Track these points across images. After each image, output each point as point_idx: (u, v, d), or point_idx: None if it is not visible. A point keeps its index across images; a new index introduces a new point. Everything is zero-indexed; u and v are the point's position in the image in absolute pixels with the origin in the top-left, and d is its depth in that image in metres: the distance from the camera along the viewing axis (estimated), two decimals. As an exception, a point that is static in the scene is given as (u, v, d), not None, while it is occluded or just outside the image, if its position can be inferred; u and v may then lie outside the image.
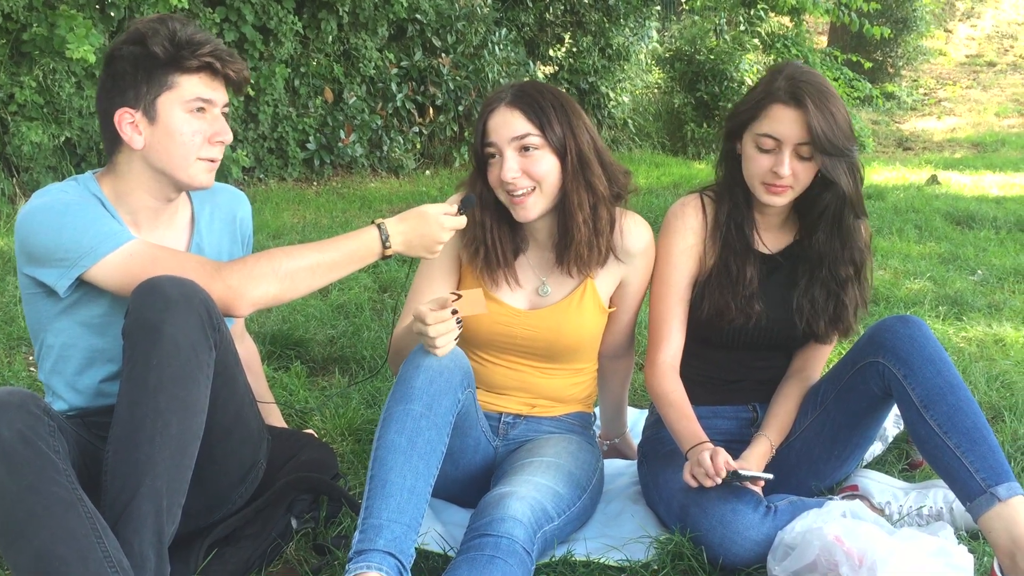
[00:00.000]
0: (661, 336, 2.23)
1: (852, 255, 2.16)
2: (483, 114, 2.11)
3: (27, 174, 5.82)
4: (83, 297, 1.88)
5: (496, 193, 2.12)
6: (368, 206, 6.72)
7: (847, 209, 2.10)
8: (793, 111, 2.04)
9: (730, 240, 2.19)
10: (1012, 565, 1.80)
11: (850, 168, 2.05)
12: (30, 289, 1.90)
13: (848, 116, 2.08)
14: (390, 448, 1.78)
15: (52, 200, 1.85)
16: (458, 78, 8.48)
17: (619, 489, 2.35)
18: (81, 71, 5.86)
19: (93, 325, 1.91)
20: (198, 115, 1.90)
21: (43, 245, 1.81)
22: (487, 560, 1.71)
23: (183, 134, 1.89)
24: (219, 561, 1.91)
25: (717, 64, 10.05)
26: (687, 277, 2.22)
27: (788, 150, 2.05)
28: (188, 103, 1.89)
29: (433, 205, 2.01)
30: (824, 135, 2.01)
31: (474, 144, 2.14)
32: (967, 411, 1.92)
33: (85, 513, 1.54)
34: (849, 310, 2.19)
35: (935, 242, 5.60)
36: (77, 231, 1.80)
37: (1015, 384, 3.04)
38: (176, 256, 1.85)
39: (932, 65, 16.30)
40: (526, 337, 2.17)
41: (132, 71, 1.86)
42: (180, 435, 1.66)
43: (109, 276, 1.80)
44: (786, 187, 2.09)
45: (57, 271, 1.81)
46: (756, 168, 2.10)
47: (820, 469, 2.21)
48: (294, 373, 3.14)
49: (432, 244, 1.99)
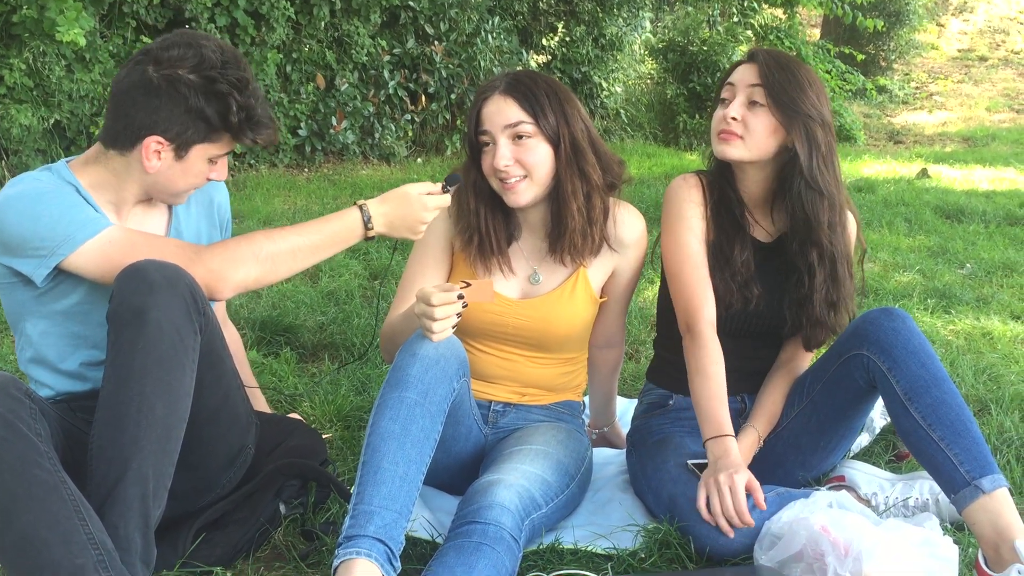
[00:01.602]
0: (693, 305, 2.14)
1: (812, 234, 2.12)
2: (477, 102, 2.11)
3: (16, 157, 5.79)
4: (61, 285, 1.86)
5: (489, 181, 2.12)
6: (359, 193, 6.70)
7: (798, 176, 2.09)
8: (749, 64, 2.15)
9: (723, 224, 2.20)
10: (996, 557, 1.81)
11: (805, 131, 2.08)
12: (7, 279, 1.88)
13: (821, 95, 2.12)
14: (383, 435, 1.78)
15: (26, 188, 1.82)
16: (451, 66, 8.45)
17: (607, 478, 2.36)
18: (71, 54, 5.82)
19: (72, 313, 1.90)
20: (214, 163, 1.93)
21: (19, 235, 1.79)
22: (474, 547, 1.71)
23: (197, 177, 1.92)
24: (207, 545, 1.91)
25: (710, 55, 10.03)
26: (702, 242, 2.18)
27: (741, 95, 2.12)
28: (216, 156, 1.91)
29: (415, 185, 2.01)
30: (775, 78, 2.08)
31: (468, 132, 2.14)
32: (951, 404, 1.93)
33: (68, 496, 1.54)
34: (815, 297, 2.15)
35: (924, 235, 5.62)
36: (53, 219, 1.78)
37: (1002, 377, 3.06)
38: (155, 241, 1.84)
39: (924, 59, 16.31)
40: (518, 326, 2.17)
41: (186, 111, 1.82)
42: (166, 419, 1.65)
43: (88, 263, 1.79)
44: (734, 134, 2.11)
45: (34, 261, 1.80)
46: (713, 120, 2.17)
47: (807, 460, 2.22)
48: (284, 359, 3.14)
49: (415, 224, 1.99)
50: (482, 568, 1.68)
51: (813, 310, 2.16)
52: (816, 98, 2.09)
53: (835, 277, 2.15)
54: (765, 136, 2.10)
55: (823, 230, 2.12)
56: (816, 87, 2.11)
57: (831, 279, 2.15)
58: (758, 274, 2.19)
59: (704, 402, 2.05)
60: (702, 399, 2.05)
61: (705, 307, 2.13)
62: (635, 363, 3.33)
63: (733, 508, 1.87)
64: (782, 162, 2.14)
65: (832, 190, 2.11)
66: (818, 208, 2.11)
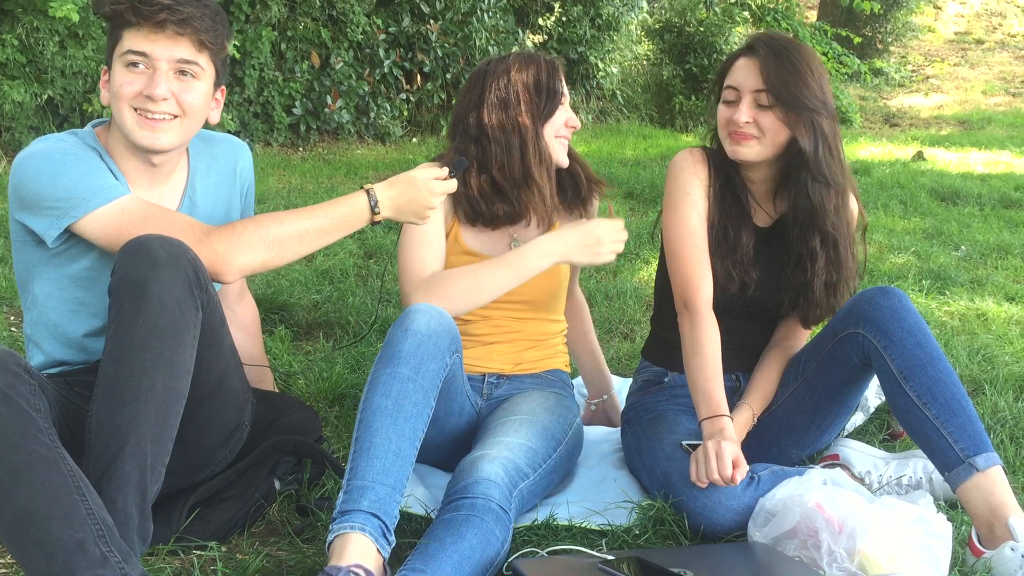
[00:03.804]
0: (691, 282, 2.13)
1: (816, 222, 2.12)
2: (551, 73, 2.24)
3: (8, 134, 5.76)
4: (72, 248, 1.87)
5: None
6: (354, 173, 6.69)
7: (804, 169, 2.09)
8: (750, 60, 2.11)
9: (727, 208, 2.19)
10: (989, 534, 1.82)
11: (812, 126, 2.06)
12: (20, 236, 1.89)
13: (823, 82, 2.09)
14: (376, 411, 1.78)
15: (51, 148, 1.83)
16: (446, 45, 8.40)
17: (602, 455, 2.36)
18: (64, 30, 5.78)
19: (80, 278, 1.90)
20: (132, 69, 1.85)
21: (36, 192, 1.80)
22: (463, 519, 1.72)
23: (114, 85, 1.87)
24: (202, 521, 1.91)
25: (707, 36, 9.99)
26: (704, 219, 2.17)
27: (747, 98, 2.09)
28: (123, 56, 1.86)
29: (422, 170, 2.00)
30: (777, 80, 2.05)
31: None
32: (947, 382, 1.93)
33: (67, 471, 1.54)
34: (815, 282, 2.15)
35: (919, 217, 5.63)
36: (72, 181, 1.79)
37: (996, 358, 3.07)
38: (168, 216, 1.84)
39: (921, 42, 16.27)
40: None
41: (109, 30, 1.88)
42: (165, 394, 1.65)
43: (99, 230, 1.79)
44: (749, 136, 2.10)
45: (47, 220, 1.80)
46: (720, 119, 2.15)
47: (801, 438, 2.23)
48: (278, 337, 3.13)
49: (422, 209, 1.99)
50: (471, 537, 1.69)
51: (813, 293, 2.16)
52: (819, 87, 2.07)
53: (837, 260, 2.15)
54: (777, 133, 2.09)
55: (828, 217, 2.12)
56: (817, 72, 2.08)
57: (833, 263, 2.15)
58: (757, 259, 2.19)
59: (700, 382, 2.05)
60: (698, 379, 2.05)
61: (703, 284, 2.13)
62: (630, 343, 3.33)
63: (717, 470, 1.88)
64: (790, 152, 2.13)
65: (838, 178, 2.11)
66: (824, 198, 2.11)
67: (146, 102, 1.85)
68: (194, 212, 2.02)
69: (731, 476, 1.87)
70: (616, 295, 3.75)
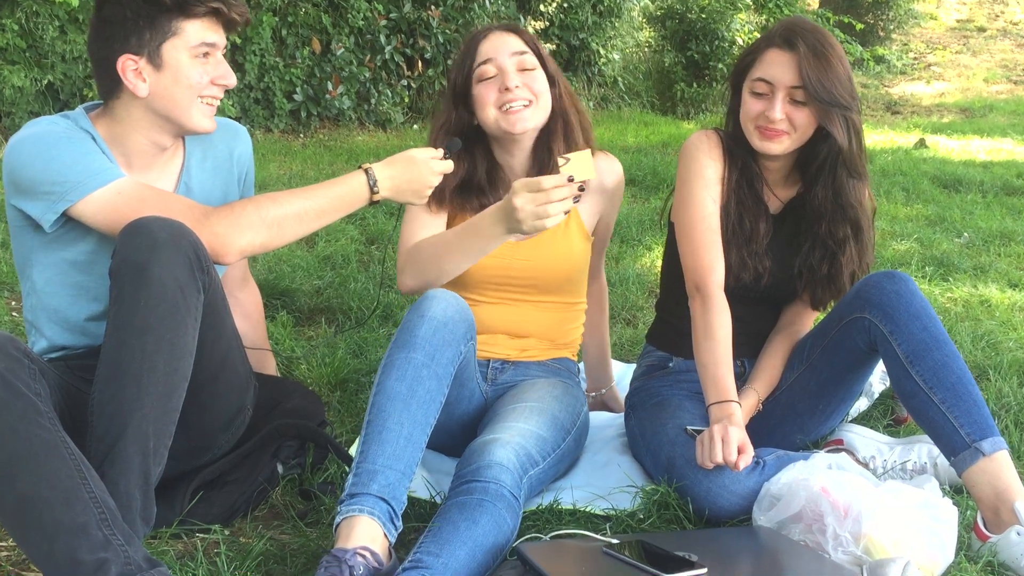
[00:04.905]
0: (703, 265, 2.11)
1: (848, 214, 2.13)
2: (474, 41, 2.19)
3: (9, 119, 5.75)
4: (69, 232, 1.86)
5: (484, 113, 2.15)
6: (355, 159, 6.67)
7: (841, 166, 2.08)
8: (786, 54, 2.04)
9: (743, 197, 2.17)
10: (995, 519, 1.82)
11: (846, 122, 2.03)
12: (17, 222, 1.88)
13: (850, 72, 2.06)
14: (389, 395, 1.77)
15: (43, 131, 1.82)
16: (447, 31, 8.36)
17: (605, 440, 2.36)
18: (64, 15, 5.76)
19: (79, 262, 1.89)
20: (203, 60, 1.87)
21: (30, 176, 1.79)
22: (476, 503, 1.71)
23: (190, 79, 1.86)
24: (205, 504, 1.91)
25: (708, 23, 9.95)
26: (717, 203, 2.16)
27: (781, 93, 2.04)
28: (194, 48, 1.85)
29: (421, 150, 1.99)
30: (816, 79, 2.00)
31: (461, 69, 2.18)
32: (952, 366, 1.93)
33: (69, 455, 1.53)
34: (844, 272, 2.15)
35: (922, 204, 5.61)
36: (65, 164, 1.77)
37: (1000, 344, 3.06)
38: (165, 198, 1.83)
39: (923, 29, 16.21)
40: (521, 268, 2.20)
41: (132, 16, 1.81)
42: (167, 377, 1.65)
43: (95, 213, 1.78)
44: (781, 132, 2.07)
45: (43, 204, 1.79)
46: (749, 111, 2.10)
47: (805, 423, 2.22)
48: (280, 322, 3.12)
49: (422, 189, 1.98)
50: (485, 523, 1.68)
51: (841, 280, 2.16)
52: (849, 81, 2.04)
53: (861, 248, 2.17)
54: (808, 128, 2.07)
55: (858, 209, 2.13)
56: (845, 64, 2.05)
57: (859, 251, 2.16)
58: (770, 246, 2.18)
59: (711, 367, 2.03)
60: (708, 363, 2.04)
61: (716, 267, 2.11)
62: (633, 329, 3.33)
63: (721, 453, 1.87)
64: (812, 142, 2.11)
65: (865, 170, 2.12)
66: (858, 191, 2.12)
67: (220, 90, 1.91)
68: (189, 198, 2.00)
69: (735, 462, 1.86)
70: (619, 281, 3.74)
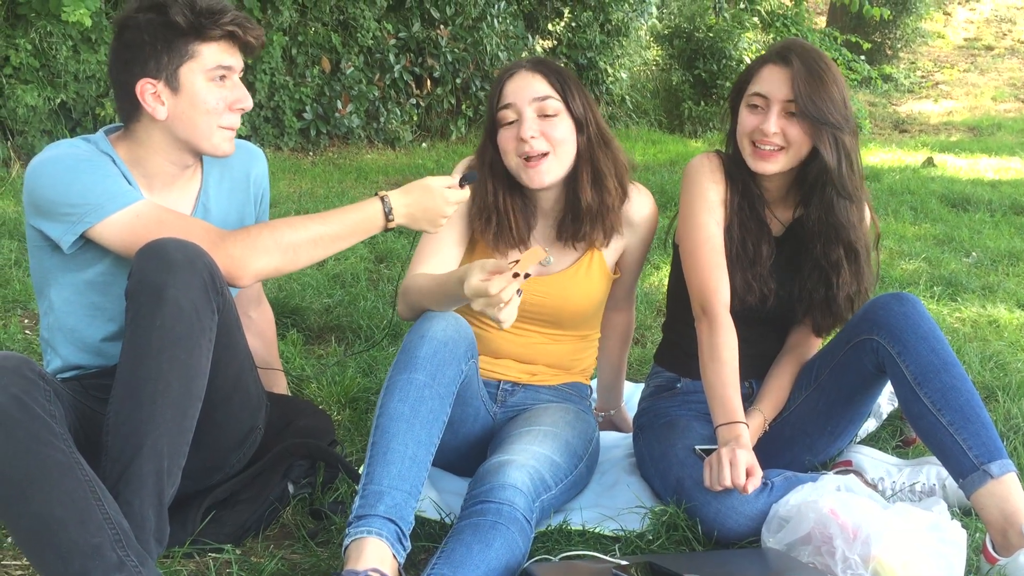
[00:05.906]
0: (709, 287, 2.11)
1: (840, 234, 2.12)
2: (501, 79, 2.13)
3: (21, 137, 5.79)
4: (87, 253, 1.88)
5: (507, 159, 2.12)
6: (364, 177, 6.70)
7: (830, 185, 2.08)
8: (781, 69, 2.07)
9: (745, 220, 2.18)
10: (1004, 542, 1.82)
11: (836, 142, 2.04)
12: (36, 242, 1.90)
13: (845, 96, 2.07)
14: (393, 416, 1.78)
15: (64, 153, 1.84)
16: (456, 50, 8.42)
17: (614, 460, 2.36)
18: (77, 34, 5.81)
19: (96, 283, 1.91)
20: (220, 83, 1.89)
21: (50, 198, 1.81)
22: (490, 525, 1.71)
23: (207, 103, 1.88)
24: (216, 524, 1.92)
25: (716, 42, 9.99)
26: (721, 225, 2.17)
27: (776, 107, 2.06)
28: (210, 72, 1.87)
29: (437, 178, 2.00)
30: (807, 95, 2.01)
31: (489, 108, 2.15)
32: (961, 388, 1.93)
33: (83, 476, 1.54)
34: (840, 295, 2.14)
35: (930, 224, 5.61)
36: (86, 187, 1.80)
37: (1008, 364, 3.06)
38: (183, 220, 1.85)
39: (930, 48, 16.24)
40: (535, 303, 2.18)
41: (151, 40, 1.83)
42: (181, 397, 1.66)
43: (114, 235, 1.80)
44: (774, 152, 2.08)
45: (63, 225, 1.81)
46: (745, 126, 2.11)
47: (814, 444, 2.22)
48: (290, 341, 3.14)
49: (436, 217, 1.99)
50: (498, 547, 1.69)
51: (836, 305, 2.16)
52: (843, 103, 2.05)
53: (858, 271, 2.15)
54: (802, 145, 2.08)
55: (851, 230, 2.12)
56: (841, 87, 2.07)
57: (855, 275, 2.15)
58: (773, 268, 2.19)
59: (718, 388, 2.04)
60: (715, 384, 2.05)
61: (721, 289, 2.12)
62: (641, 348, 3.33)
63: (730, 477, 1.87)
64: (807, 162, 2.12)
65: (858, 192, 2.11)
66: (849, 212, 2.11)
67: (237, 117, 1.92)
68: (207, 219, 2.02)
69: (744, 485, 1.87)
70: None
